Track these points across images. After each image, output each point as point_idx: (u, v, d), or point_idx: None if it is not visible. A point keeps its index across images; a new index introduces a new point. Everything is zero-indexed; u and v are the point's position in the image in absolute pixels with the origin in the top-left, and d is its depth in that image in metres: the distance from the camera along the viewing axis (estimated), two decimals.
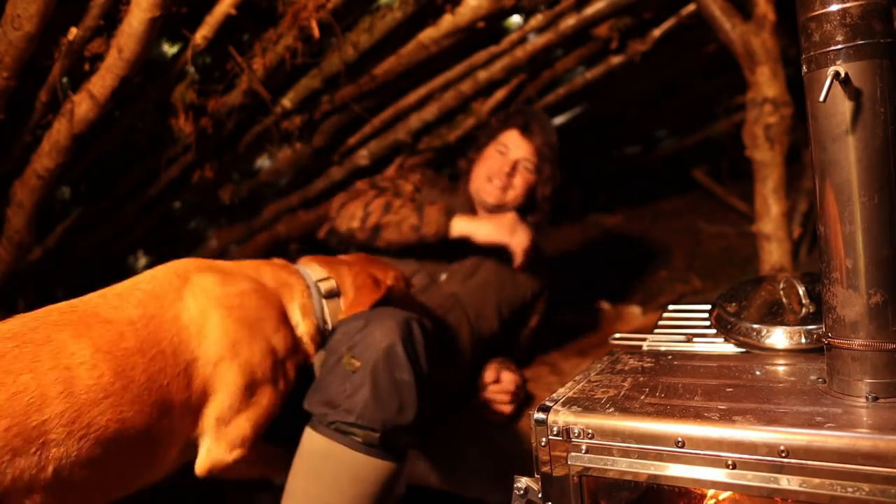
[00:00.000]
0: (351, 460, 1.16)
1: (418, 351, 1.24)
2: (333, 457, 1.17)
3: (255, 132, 2.22)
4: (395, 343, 1.19)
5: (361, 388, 1.17)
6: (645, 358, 1.10)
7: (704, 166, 3.85)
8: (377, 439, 1.17)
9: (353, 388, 1.18)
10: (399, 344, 1.19)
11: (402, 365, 1.19)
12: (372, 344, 1.20)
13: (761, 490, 0.75)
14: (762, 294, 1.23)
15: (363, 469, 1.16)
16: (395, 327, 1.21)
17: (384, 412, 1.17)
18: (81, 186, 2.45)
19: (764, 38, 2.01)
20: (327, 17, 1.79)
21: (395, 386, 1.18)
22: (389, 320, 1.23)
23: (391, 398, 1.18)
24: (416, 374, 1.21)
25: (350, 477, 1.16)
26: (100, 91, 1.60)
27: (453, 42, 2.02)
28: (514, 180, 1.90)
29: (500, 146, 1.92)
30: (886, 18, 0.75)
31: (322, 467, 1.17)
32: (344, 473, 1.16)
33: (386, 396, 1.17)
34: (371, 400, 1.16)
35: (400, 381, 1.18)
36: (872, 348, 0.79)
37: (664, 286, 3.00)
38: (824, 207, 0.81)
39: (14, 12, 1.43)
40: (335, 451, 1.17)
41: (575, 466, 0.86)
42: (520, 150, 1.91)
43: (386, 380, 1.18)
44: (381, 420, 1.16)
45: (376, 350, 1.19)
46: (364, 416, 1.16)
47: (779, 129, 2.03)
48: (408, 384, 1.19)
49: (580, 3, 2.09)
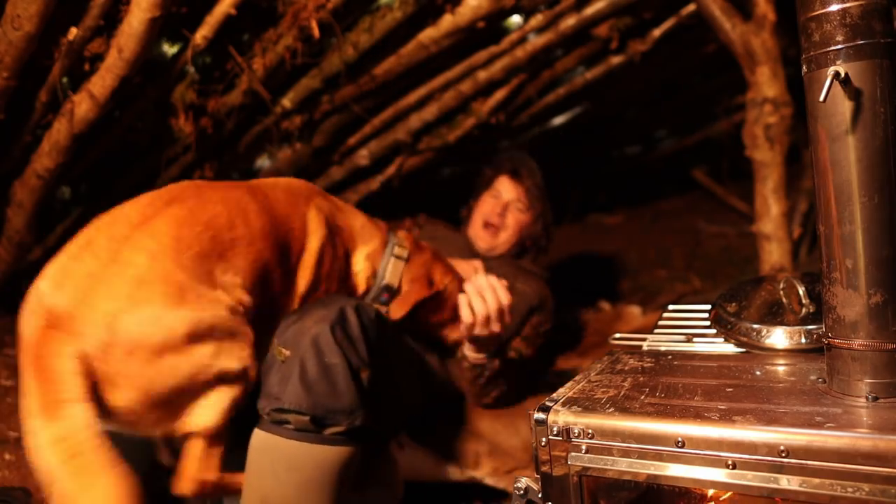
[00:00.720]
0: (286, 448, 1.17)
1: (353, 336, 1.25)
2: (270, 447, 1.18)
3: (255, 132, 2.22)
4: (322, 330, 1.21)
5: (291, 375, 1.19)
6: (645, 358, 1.10)
7: (704, 166, 3.85)
8: (307, 423, 1.17)
9: (285, 377, 1.20)
10: (327, 330, 1.21)
11: (331, 349, 1.20)
12: (301, 331, 1.22)
13: (761, 490, 0.75)
14: (762, 294, 1.23)
15: (299, 456, 1.17)
16: (328, 315, 1.23)
17: (313, 396, 1.17)
18: (81, 186, 2.45)
19: (764, 38, 2.01)
20: (327, 17, 1.79)
21: (324, 370, 1.19)
22: (322, 309, 1.25)
23: (320, 382, 1.18)
24: (348, 358, 1.21)
25: (286, 465, 1.17)
26: (100, 91, 1.60)
27: (453, 42, 2.02)
28: (507, 220, 2.07)
29: (493, 192, 2.11)
30: (886, 18, 0.75)
31: (262, 459, 1.18)
32: (280, 462, 1.17)
33: (314, 381, 1.18)
34: (300, 385, 1.17)
35: (329, 365, 1.19)
36: (872, 348, 0.79)
37: (664, 286, 3.00)
38: (824, 207, 0.81)
39: (14, 12, 1.43)
40: (271, 441, 1.18)
41: (575, 466, 0.86)
42: (510, 193, 2.09)
43: (314, 364, 1.19)
44: (310, 404, 1.17)
45: (305, 336, 1.21)
46: (293, 401, 1.17)
47: (779, 129, 2.03)
48: (338, 367, 1.19)
49: (580, 3, 2.09)
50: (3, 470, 1.58)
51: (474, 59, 2.22)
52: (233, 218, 1.22)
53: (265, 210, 1.30)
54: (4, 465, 1.60)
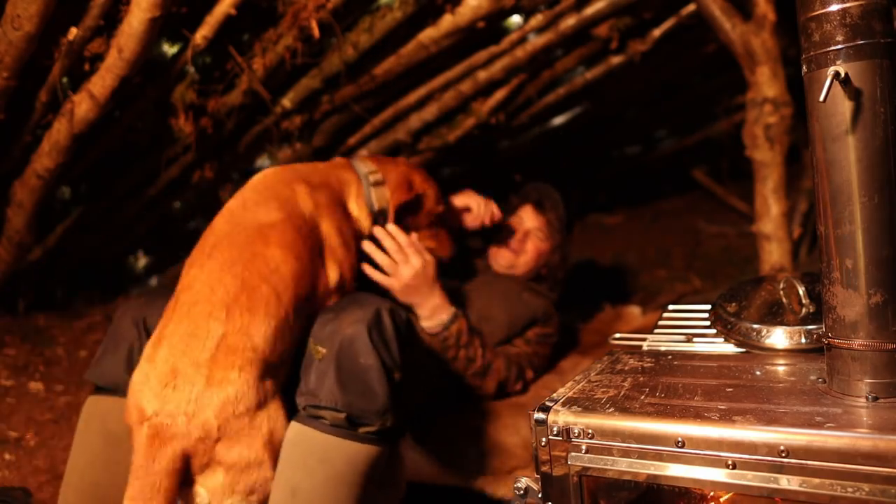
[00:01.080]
0: (320, 441, 1.20)
1: (387, 338, 1.28)
2: (304, 439, 1.21)
3: (255, 132, 2.22)
4: (360, 330, 1.24)
5: (328, 372, 1.22)
6: (645, 358, 1.10)
7: (704, 166, 3.85)
8: (343, 420, 1.21)
9: (321, 374, 1.23)
10: (364, 331, 1.24)
11: (367, 351, 1.23)
12: (338, 331, 1.25)
13: (761, 490, 0.75)
14: (762, 294, 1.23)
15: (331, 449, 1.20)
16: (363, 316, 1.26)
17: (348, 395, 1.21)
18: (81, 186, 2.45)
19: (764, 38, 2.01)
20: (327, 17, 1.79)
21: (359, 370, 1.23)
22: (358, 310, 1.28)
23: (355, 382, 1.22)
24: (383, 360, 1.24)
25: (319, 458, 1.19)
26: (100, 91, 1.60)
27: (453, 42, 2.02)
28: (527, 246, 2.14)
29: (516, 218, 2.21)
30: (886, 18, 0.75)
31: (295, 451, 1.20)
32: (313, 455, 1.19)
33: (350, 380, 1.22)
34: (335, 383, 1.21)
35: (365, 366, 1.23)
36: (872, 348, 0.79)
37: (664, 286, 3.00)
38: (824, 207, 0.81)
39: (14, 12, 1.43)
40: (306, 433, 1.21)
41: (575, 466, 0.86)
42: (533, 222, 2.17)
43: (350, 364, 1.23)
44: (345, 402, 1.20)
45: (341, 336, 1.24)
46: (329, 398, 1.20)
47: (779, 129, 2.03)
48: (373, 368, 1.23)
49: (580, 3, 2.09)
50: (3, 470, 1.58)
51: (474, 59, 2.22)
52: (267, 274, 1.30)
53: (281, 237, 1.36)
54: (4, 465, 1.60)
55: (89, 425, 1.35)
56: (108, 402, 1.36)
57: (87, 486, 1.30)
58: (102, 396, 1.37)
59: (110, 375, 1.36)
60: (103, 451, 1.33)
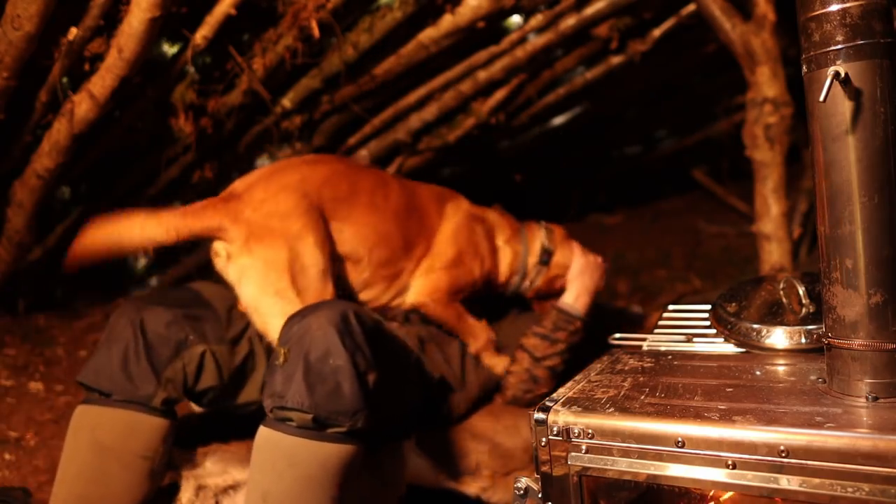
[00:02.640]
0: (287, 444, 1.18)
1: (357, 339, 1.26)
2: (273, 443, 1.19)
3: (255, 132, 2.22)
4: (329, 331, 1.22)
5: (295, 373, 1.20)
6: (645, 358, 1.10)
7: (704, 166, 3.85)
8: (310, 420, 1.18)
9: (288, 376, 1.20)
10: (333, 332, 1.22)
11: (337, 351, 1.21)
12: (306, 332, 1.23)
13: (761, 490, 0.75)
14: (762, 294, 1.23)
15: (300, 452, 1.18)
16: (331, 317, 1.24)
17: (316, 395, 1.18)
18: (81, 186, 2.45)
19: (764, 38, 2.01)
20: (327, 17, 1.79)
21: (328, 371, 1.20)
22: (326, 311, 1.26)
23: (324, 383, 1.19)
24: (355, 361, 1.22)
25: (287, 461, 1.17)
26: (100, 91, 1.60)
27: (453, 42, 2.02)
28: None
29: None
30: (886, 18, 0.75)
31: (265, 456, 1.19)
32: (282, 458, 1.18)
33: (318, 381, 1.19)
34: (303, 385, 1.18)
35: (334, 367, 1.20)
36: (872, 348, 0.79)
37: (664, 286, 3.00)
38: (824, 207, 0.81)
39: (14, 12, 1.43)
40: (274, 437, 1.19)
41: (575, 466, 0.86)
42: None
43: (318, 366, 1.20)
44: (312, 403, 1.18)
45: (310, 337, 1.22)
46: (295, 399, 1.18)
47: (779, 129, 2.03)
48: (343, 369, 1.20)
49: (580, 3, 2.09)
50: (3, 470, 1.58)
51: (474, 59, 2.22)
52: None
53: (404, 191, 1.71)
54: (4, 465, 1.60)
55: (78, 436, 1.33)
56: (98, 412, 1.34)
57: (76, 499, 1.29)
58: (92, 406, 1.35)
59: (103, 376, 1.34)
60: (91, 463, 1.31)
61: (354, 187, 1.61)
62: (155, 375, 1.37)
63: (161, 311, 1.41)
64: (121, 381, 1.34)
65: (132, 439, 1.33)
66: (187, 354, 1.41)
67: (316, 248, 1.48)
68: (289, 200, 1.48)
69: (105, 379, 1.34)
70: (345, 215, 1.57)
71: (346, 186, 1.60)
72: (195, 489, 1.45)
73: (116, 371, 1.34)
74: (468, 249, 1.76)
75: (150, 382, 1.36)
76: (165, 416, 1.37)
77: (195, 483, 1.46)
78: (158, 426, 1.36)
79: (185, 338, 1.41)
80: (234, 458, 1.51)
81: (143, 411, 1.34)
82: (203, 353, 1.42)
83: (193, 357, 1.41)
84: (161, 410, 1.37)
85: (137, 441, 1.34)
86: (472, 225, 1.80)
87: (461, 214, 1.79)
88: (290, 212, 1.47)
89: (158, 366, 1.38)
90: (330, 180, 1.58)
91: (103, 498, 1.29)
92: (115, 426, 1.33)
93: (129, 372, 1.35)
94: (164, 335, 1.39)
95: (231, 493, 1.47)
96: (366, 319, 1.32)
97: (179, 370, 1.39)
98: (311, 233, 1.47)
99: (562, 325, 1.77)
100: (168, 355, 1.39)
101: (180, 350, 1.40)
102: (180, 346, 1.40)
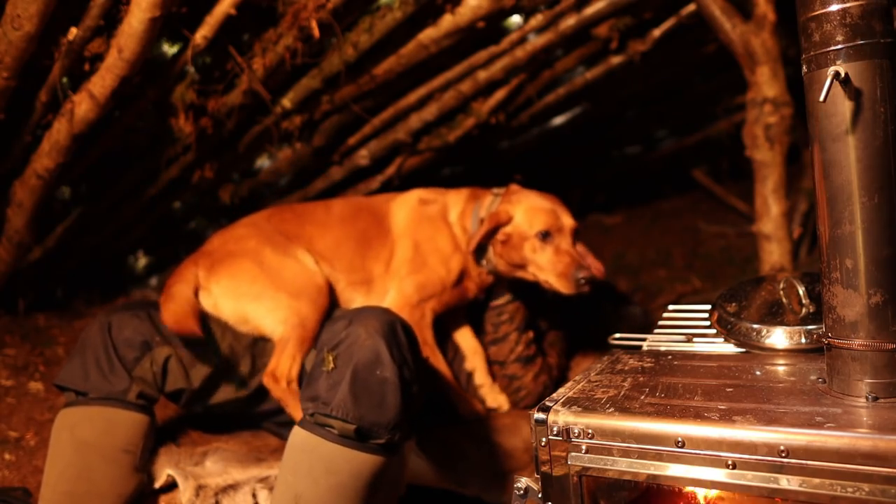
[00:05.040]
0: (327, 451, 1.19)
1: (404, 352, 1.27)
2: (311, 447, 1.20)
3: (255, 132, 2.22)
4: (378, 342, 1.23)
5: (341, 382, 1.20)
6: (645, 358, 1.10)
7: (704, 166, 3.85)
8: (352, 431, 1.19)
9: (334, 383, 1.21)
10: (383, 344, 1.23)
11: (386, 364, 1.22)
12: (356, 341, 1.24)
13: (761, 490, 0.75)
14: (762, 294, 1.23)
15: (339, 460, 1.19)
16: (380, 327, 1.25)
17: (361, 407, 1.19)
18: (81, 186, 2.45)
19: (764, 38, 2.00)
20: (327, 17, 1.79)
21: (375, 383, 1.21)
22: (374, 320, 1.27)
23: (370, 394, 1.20)
24: (402, 373, 1.23)
25: (325, 467, 1.18)
26: (100, 91, 1.60)
27: (453, 42, 2.01)
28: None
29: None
30: (886, 18, 0.75)
31: (301, 458, 1.20)
32: (319, 464, 1.18)
33: (365, 392, 1.20)
34: (349, 395, 1.19)
35: (382, 379, 1.21)
36: (872, 348, 0.79)
37: (664, 286, 3.00)
38: (824, 207, 0.81)
39: (14, 12, 1.43)
40: (312, 442, 1.20)
41: (575, 466, 0.86)
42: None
43: (366, 376, 1.21)
44: (357, 414, 1.19)
45: (360, 347, 1.23)
46: (340, 408, 1.19)
47: (779, 129, 2.03)
48: (390, 382, 1.21)
49: (580, 3, 2.08)
50: (2, 470, 1.58)
51: (474, 59, 2.21)
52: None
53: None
54: (4, 465, 1.60)
55: (60, 437, 1.36)
56: (76, 412, 1.37)
57: (61, 497, 1.30)
58: (72, 408, 1.39)
59: (78, 377, 1.39)
60: (74, 460, 1.33)
61: (296, 211, 1.80)
62: (127, 373, 1.41)
63: (128, 315, 1.46)
64: (95, 380, 1.38)
65: (112, 434, 1.37)
66: (153, 355, 1.45)
67: (276, 254, 1.61)
68: (240, 230, 1.70)
69: (80, 379, 1.38)
70: (296, 233, 1.72)
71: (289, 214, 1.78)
72: (195, 489, 1.45)
73: (90, 371, 1.38)
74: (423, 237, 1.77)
75: (123, 379, 1.40)
76: (142, 411, 1.41)
77: (195, 483, 1.46)
78: (137, 421, 1.40)
79: (151, 339, 1.45)
80: (234, 457, 1.51)
81: (120, 406, 1.39)
82: (168, 357, 1.46)
83: (158, 359, 1.45)
84: (138, 406, 1.41)
85: (117, 435, 1.37)
86: (422, 209, 1.82)
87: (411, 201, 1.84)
88: (243, 235, 1.66)
89: (128, 365, 1.42)
90: (273, 214, 1.78)
91: (89, 493, 1.30)
92: (94, 422, 1.36)
93: (102, 371, 1.39)
94: (129, 337, 1.43)
95: (231, 493, 1.47)
96: (409, 330, 1.34)
97: (148, 370, 1.44)
98: (268, 245, 1.63)
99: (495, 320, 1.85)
100: (135, 355, 1.43)
101: (145, 351, 1.44)
102: (145, 347, 1.44)
